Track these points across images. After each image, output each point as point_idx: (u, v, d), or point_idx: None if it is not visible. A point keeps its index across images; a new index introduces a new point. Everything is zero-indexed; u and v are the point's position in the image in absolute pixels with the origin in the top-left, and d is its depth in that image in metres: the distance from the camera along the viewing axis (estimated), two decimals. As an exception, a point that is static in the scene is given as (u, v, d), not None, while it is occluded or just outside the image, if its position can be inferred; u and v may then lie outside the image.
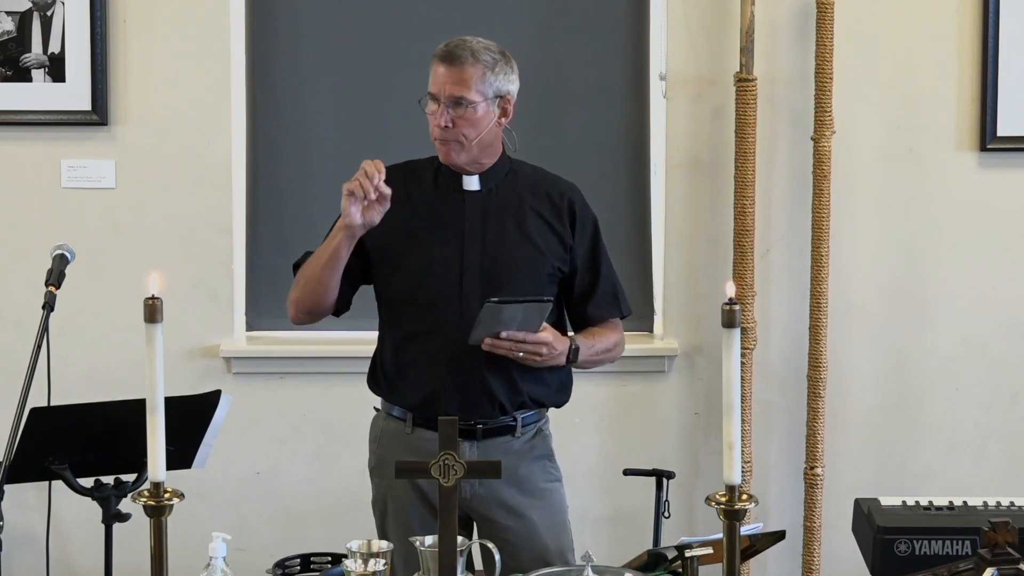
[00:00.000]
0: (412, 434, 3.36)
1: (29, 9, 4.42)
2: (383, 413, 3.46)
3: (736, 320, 2.43)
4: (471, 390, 3.29)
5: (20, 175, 4.49)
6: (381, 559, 2.74)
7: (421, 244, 3.30)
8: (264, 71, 4.55)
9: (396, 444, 3.38)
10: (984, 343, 4.57)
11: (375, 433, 3.47)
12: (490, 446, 3.33)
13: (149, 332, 2.37)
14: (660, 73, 4.51)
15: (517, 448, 3.36)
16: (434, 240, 3.30)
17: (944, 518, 3.07)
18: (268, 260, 4.59)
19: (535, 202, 3.35)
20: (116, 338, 4.47)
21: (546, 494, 3.40)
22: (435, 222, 3.32)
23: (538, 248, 3.32)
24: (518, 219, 3.33)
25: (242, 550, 4.03)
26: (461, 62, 3.23)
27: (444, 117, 3.25)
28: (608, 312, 3.42)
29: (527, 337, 3.20)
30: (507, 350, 3.20)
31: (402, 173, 3.36)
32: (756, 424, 4.53)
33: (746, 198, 4.42)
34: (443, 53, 3.26)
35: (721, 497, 2.46)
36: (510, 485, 3.34)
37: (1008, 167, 4.51)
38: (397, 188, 3.25)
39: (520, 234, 3.32)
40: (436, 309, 3.29)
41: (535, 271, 3.32)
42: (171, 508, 2.41)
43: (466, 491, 3.32)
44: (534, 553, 3.31)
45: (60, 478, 3.42)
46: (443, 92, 3.24)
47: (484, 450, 3.32)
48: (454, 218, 3.31)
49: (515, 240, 3.31)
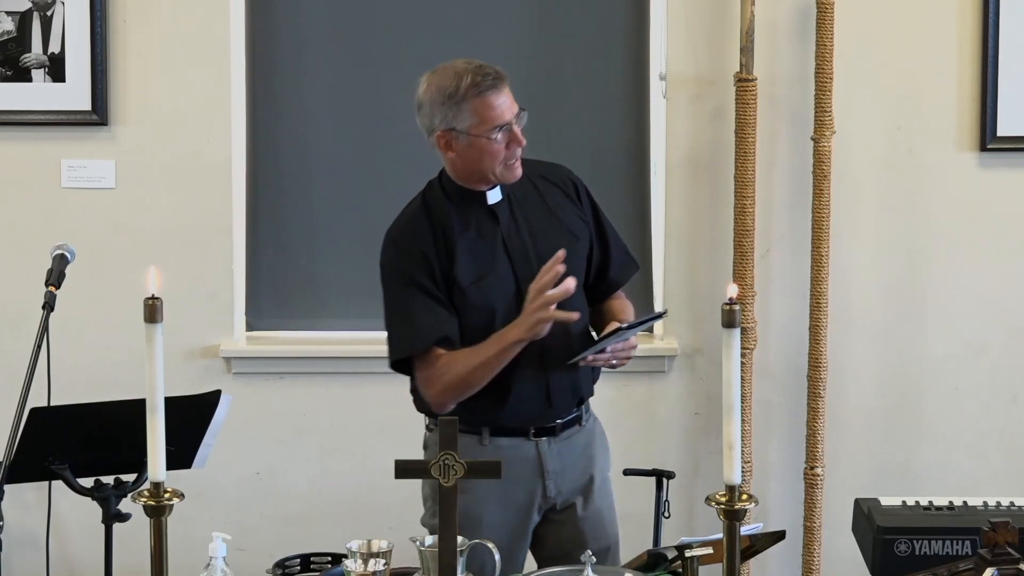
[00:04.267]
0: (488, 445, 3.31)
1: (29, 9, 4.42)
2: None
3: (736, 320, 2.43)
4: (552, 391, 3.29)
5: (20, 175, 4.49)
6: (381, 559, 2.74)
7: (476, 273, 3.25)
8: (264, 71, 4.54)
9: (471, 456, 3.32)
10: (984, 343, 4.57)
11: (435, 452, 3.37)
12: (567, 440, 3.36)
13: (149, 332, 2.37)
14: (660, 73, 4.51)
15: (587, 436, 3.41)
16: (488, 264, 3.26)
17: (944, 518, 3.07)
18: (268, 260, 4.59)
19: (546, 191, 3.36)
20: (116, 338, 4.47)
21: (607, 482, 3.47)
22: (481, 247, 3.27)
23: (573, 233, 3.34)
24: (544, 213, 3.34)
25: (242, 550, 4.03)
26: (504, 82, 3.21)
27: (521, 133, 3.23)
28: (628, 270, 3.48)
29: (626, 346, 3.26)
30: (605, 361, 3.26)
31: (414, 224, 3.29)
32: (756, 424, 4.53)
33: (746, 198, 4.42)
34: (490, 83, 3.18)
35: (721, 497, 2.46)
36: (588, 471, 3.39)
37: (1008, 167, 4.51)
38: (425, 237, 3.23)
39: (553, 225, 3.33)
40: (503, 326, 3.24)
41: (578, 257, 3.33)
42: (171, 508, 2.41)
43: (551, 488, 3.34)
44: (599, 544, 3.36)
45: (60, 478, 3.43)
46: (513, 114, 3.20)
47: (563, 445, 3.34)
48: (494, 236, 3.28)
49: (553, 233, 3.31)
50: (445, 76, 3.20)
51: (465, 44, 4.56)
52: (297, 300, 4.61)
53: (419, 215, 3.30)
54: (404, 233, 3.28)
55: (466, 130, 3.18)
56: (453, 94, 3.17)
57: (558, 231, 3.32)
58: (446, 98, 3.18)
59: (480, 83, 3.16)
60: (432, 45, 4.54)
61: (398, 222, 3.32)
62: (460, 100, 3.17)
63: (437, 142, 3.25)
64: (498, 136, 3.19)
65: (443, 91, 3.18)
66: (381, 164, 4.56)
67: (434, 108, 3.21)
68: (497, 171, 3.23)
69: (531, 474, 3.33)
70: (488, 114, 3.17)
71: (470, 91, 3.16)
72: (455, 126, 3.19)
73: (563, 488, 3.36)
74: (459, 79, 3.17)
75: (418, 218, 3.29)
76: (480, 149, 3.20)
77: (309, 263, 4.60)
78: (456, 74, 3.19)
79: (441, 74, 3.22)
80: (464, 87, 3.16)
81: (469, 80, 3.17)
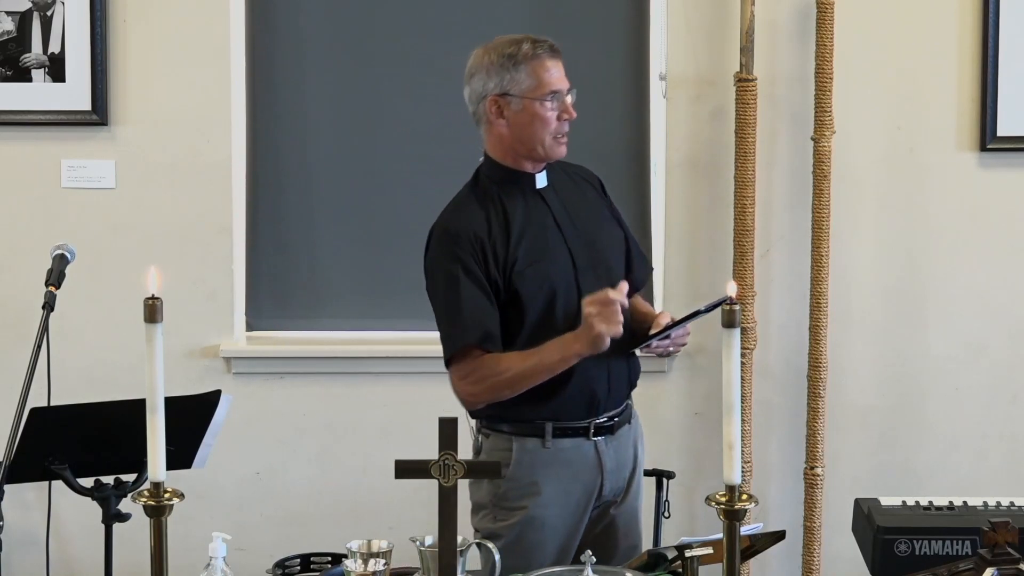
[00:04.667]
0: (549, 448, 3.28)
1: (29, 9, 4.42)
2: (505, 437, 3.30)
3: (736, 320, 2.43)
4: (613, 373, 3.30)
5: (20, 175, 4.49)
6: (381, 559, 2.74)
7: (536, 254, 3.25)
8: (264, 71, 4.55)
9: (536, 461, 3.29)
10: (984, 343, 4.57)
11: (501, 459, 3.28)
12: (619, 437, 3.36)
13: (149, 332, 2.37)
14: (660, 73, 4.51)
15: (634, 433, 3.42)
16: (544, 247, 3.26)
17: (944, 518, 3.07)
18: (268, 260, 4.59)
19: (581, 182, 3.42)
20: (116, 338, 4.47)
21: (640, 483, 3.47)
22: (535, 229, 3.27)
23: (614, 222, 3.41)
24: (586, 200, 3.38)
25: (242, 550, 4.03)
26: (559, 54, 3.25)
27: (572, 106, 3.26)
28: (646, 272, 3.52)
29: (683, 333, 3.29)
30: (665, 348, 3.28)
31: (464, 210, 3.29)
32: (756, 424, 4.53)
33: (746, 198, 4.42)
34: (547, 48, 3.23)
35: (721, 497, 2.46)
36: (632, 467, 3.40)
37: (1008, 167, 4.51)
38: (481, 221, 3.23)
39: (595, 213, 3.38)
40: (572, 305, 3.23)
41: (621, 247, 3.39)
42: (171, 508, 2.41)
43: (607, 487, 3.34)
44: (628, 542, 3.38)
45: (60, 478, 3.42)
46: (566, 86, 3.24)
47: (617, 444, 3.35)
48: (546, 219, 3.29)
49: (597, 219, 3.37)
50: (502, 42, 3.25)
51: (465, 44, 4.52)
52: (297, 300, 4.61)
53: (469, 201, 3.30)
54: (454, 219, 3.27)
55: (521, 94, 3.21)
56: (513, 55, 3.21)
57: (600, 221, 3.38)
58: (505, 59, 3.22)
59: (538, 47, 3.22)
60: (432, 45, 4.54)
61: (446, 212, 3.32)
62: (519, 63, 3.21)
63: (488, 109, 3.25)
64: (551, 103, 3.22)
65: (501, 55, 3.22)
66: (381, 164, 4.56)
67: (490, 72, 3.23)
68: (547, 142, 3.24)
69: (592, 474, 3.32)
70: (545, 77, 3.21)
71: (529, 54, 3.21)
72: (510, 90, 3.22)
73: (614, 486, 3.37)
74: (518, 44, 3.22)
75: (469, 203, 3.29)
76: (533, 115, 3.22)
77: (309, 263, 4.60)
78: (514, 41, 3.24)
79: (497, 42, 3.26)
80: (523, 50, 3.21)
81: (528, 45, 3.22)
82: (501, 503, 3.30)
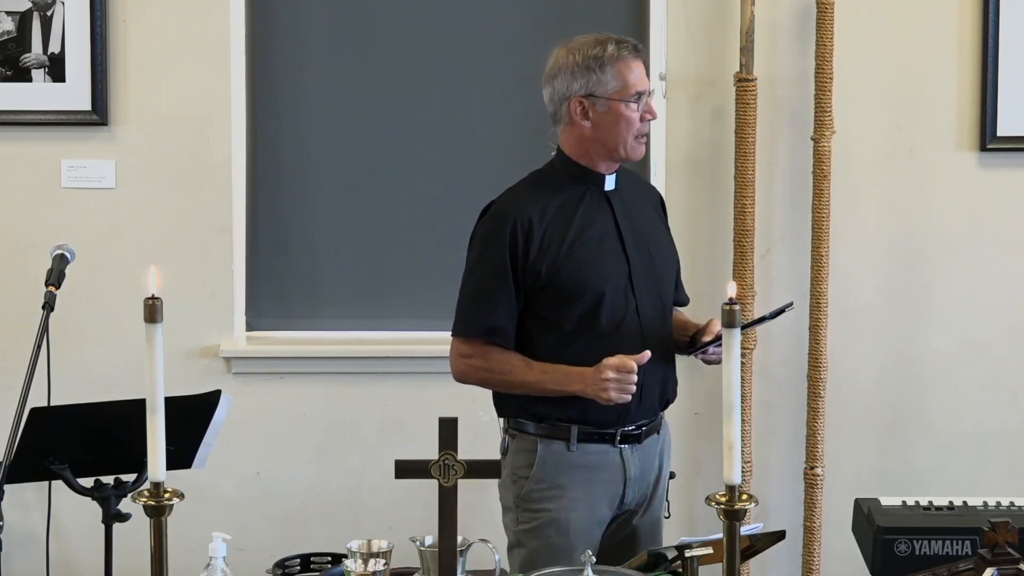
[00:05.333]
0: (575, 451, 3.28)
1: (29, 9, 4.42)
2: (532, 437, 3.29)
3: (736, 320, 2.43)
4: (647, 384, 3.26)
5: (20, 175, 4.49)
6: (381, 559, 2.74)
7: (588, 249, 3.25)
8: (264, 71, 4.54)
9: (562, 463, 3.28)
10: (984, 343, 4.57)
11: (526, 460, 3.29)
12: (647, 447, 3.35)
13: (149, 332, 2.37)
14: (660, 73, 4.51)
15: (661, 443, 3.41)
16: (599, 243, 3.26)
17: (944, 518, 3.07)
18: (268, 260, 4.59)
19: (647, 198, 3.44)
20: (116, 338, 4.47)
21: (664, 492, 3.46)
22: (594, 226, 3.27)
23: (671, 239, 3.43)
24: (647, 214, 3.39)
25: (242, 550, 4.03)
26: (641, 54, 3.26)
27: (652, 108, 3.27)
28: (685, 297, 3.55)
29: None
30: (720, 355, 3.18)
31: (533, 191, 3.30)
32: (756, 424, 4.53)
33: (746, 198, 4.42)
34: (631, 49, 3.24)
35: (721, 497, 2.46)
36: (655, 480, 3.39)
37: (1008, 167, 4.51)
38: (541, 206, 3.24)
39: (656, 228, 3.39)
40: (618, 308, 3.25)
41: (673, 267, 3.42)
42: (171, 508, 2.41)
43: (628, 495, 3.33)
44: None
45: (60, 478, 3.42)
46: (648, 85, 3.26)
47: (643, 454, 3.34)
48: (607, 220, 3.29)
49: (657, 233, 3.38)
50: (586, 43, 3.24)
51: (465, 44, 4.57)
52: (297, 300, 4.61)
53: (531, 186, 3.32)
54: (507, 203, 3.28)
55: (607, 95, 3.22)
56: (599, 56, 3.21)
57: (658, 236, 3.38)
58: (591, 60, 3.22)
59: (622, 48, 3.22)
60: (432, 45, 4.54)
61: (504, 194, 3.33)
62: (604, 64, 3.21)
63: (572, 109, 3.25)
64: (636, 104, 3.23)
65: (586, 56, 3.22)
66: (381, 164, 4.56)
67: (575, 73, 3.23)
68: (629, 143, 3.25)
69: (616, 480, 3.32)
70: (631, 79, 3.22)
71: (615, 56, 3.21)
72: (595, 91, 3.22)
73: (636, 494, 3.36)
74: (603, 45, 3.22)
75: (530, 189, 3.31)
76: (618, 115, 3.23)
77: (309, 263, 4.60)
78: (598, 41, 3.24)
79: (580, 43, 3.25)
80: (609, 52, 3.21)
81: (614, 46, 3.22)
82: (524, 504, 3.30)
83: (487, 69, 4.54)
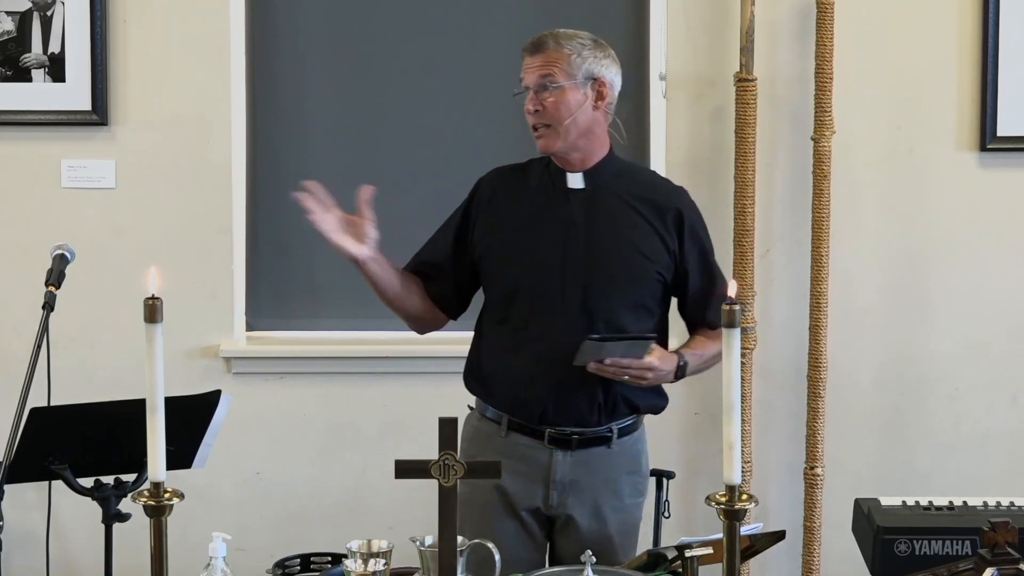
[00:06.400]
0: (506, 437, 3.33)
1: (29, 9, 4.42)
2: (477, 413, 3.41)
3: (736, 320, 2.43)
4: (566, 390, 3.26)
5: (20, 175, 4.49)
6: (381, 559, 2.74)
7: (524, 239, 3.30)
8: (264, 71, 4.55)
9: (489, 446, 3.34)
10: (984, 343, 4.57)
11: (467, 432, 3.38)
12: (585, 456, 3.32)
13: (149, 332, 2.37)
14: (660, 73, 4.51)
15: (613, 460, 3.35)
16: (537, 236, 3.29)
17: (944, 518, 3.07)
18: (268, 260, 4.59)
19: (640, 206, 3.33)
20: (116, 338, 4.47)
21: (629, 509, 3.41)
22: (538, 219, 3.31)
23: (642, 253, 3.30)
24: (622, 221, 3.31)
25: (242, 550, 4.03)
26: (544, 48, 3.30)
27: (532, 101, 3.28)
28: (711, 318, 3.42)
29: (632, 363, 3.20)
30: (612, 374, 3.20)
31: (513, 171, 3.42)
32: (756, 424, 4.53)
33: (746, 198, 4.42)
34: (528, 44, 3.32)
35: (721, 497, 2.46)
36: (603, 495, 3.34)
37: (1008, 167, 4.51)
38: (506, 186, 3.36)
39: (622, 236, 3.30)
40: (536, 306, 3.27)
41: (638, 275, 3.30)
42: (171, 508, 2.41)
43: (553, 498, 3.33)
44: None
45: (60, 478, 3.42)
46: (530, 79, 3.29)
47: (578, 461, 3.31)
48: (557, 216, 3.30)
49: (617, 242, 3.29)
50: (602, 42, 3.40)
51: (465, 45, 4.57)
52: (297, 300, 4.61)
53: (514, 167, 3.43)
54: (493, 172, 3.44)
55: None
56: None
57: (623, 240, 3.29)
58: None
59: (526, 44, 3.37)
60: (432, 46, 4.54)
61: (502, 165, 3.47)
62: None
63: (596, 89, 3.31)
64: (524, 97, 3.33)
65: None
66: (381, 164, 4.56)
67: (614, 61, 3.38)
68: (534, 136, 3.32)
69: (536, 477, 3.32)
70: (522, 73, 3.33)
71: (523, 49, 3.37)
72: None
73: (567, 501, 3.34)
74: None
75: (511, 168, 3.44)
76: None
77: (309, 263, 4.60)
78: None
79: None
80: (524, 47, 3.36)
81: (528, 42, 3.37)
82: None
83: (487, 70, 4.53)
